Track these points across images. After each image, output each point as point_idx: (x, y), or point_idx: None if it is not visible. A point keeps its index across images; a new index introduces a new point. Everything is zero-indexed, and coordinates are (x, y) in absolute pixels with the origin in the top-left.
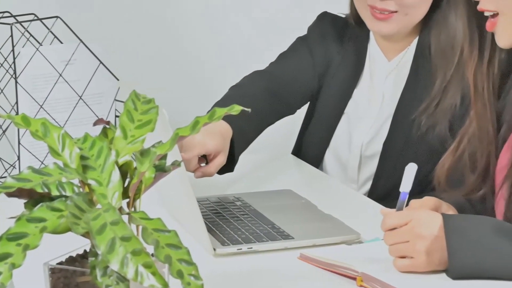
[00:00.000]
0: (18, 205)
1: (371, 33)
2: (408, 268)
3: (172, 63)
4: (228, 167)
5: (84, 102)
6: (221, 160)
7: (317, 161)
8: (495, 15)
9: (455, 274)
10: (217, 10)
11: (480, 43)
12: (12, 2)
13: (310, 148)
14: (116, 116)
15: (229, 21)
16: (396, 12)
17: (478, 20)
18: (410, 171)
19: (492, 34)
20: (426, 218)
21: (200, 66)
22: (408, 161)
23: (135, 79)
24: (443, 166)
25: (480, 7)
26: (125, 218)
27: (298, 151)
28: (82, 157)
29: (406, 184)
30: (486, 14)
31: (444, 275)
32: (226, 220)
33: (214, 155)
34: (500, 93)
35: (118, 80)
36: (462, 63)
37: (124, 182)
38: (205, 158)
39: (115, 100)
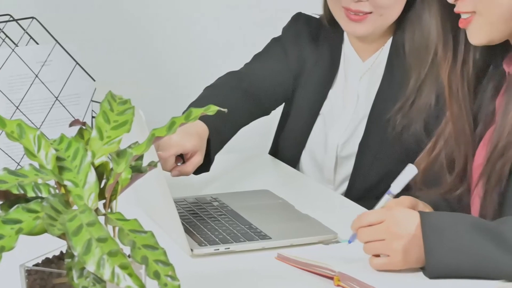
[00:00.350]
0: None
1: (345, 34)
2: (385, 267)
3: (149, 64)
4: (204, 167)
5: (61, 103)
6: (198, 159)
7: (293, 162)
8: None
9: (432, 273)
10: (216, 9)
11: (454, 44)
12: None
13: (287, 149)
14: (93, 117)
15: (228, 21)
16: (370, 13)
17: (452, 22)
18: (408, 173)
19: (465, 34)
20: (402, 216)
21: (179, 67)
22: (384, 161)
23: (112, 80)
24: (419, 166)
25: (457, 9)
26: (101, 219)
27: (275, 152)
28: (58, 158)
29: (398, 185)
30: (463, 16)
31: (421, 273)
32: (203, 221)
33: (191, 154)
34: (476, 94)
35: (94, 80)
36: (436, 62)
37: (100, 183)
38: (181, 158)
39: (92, 101)
